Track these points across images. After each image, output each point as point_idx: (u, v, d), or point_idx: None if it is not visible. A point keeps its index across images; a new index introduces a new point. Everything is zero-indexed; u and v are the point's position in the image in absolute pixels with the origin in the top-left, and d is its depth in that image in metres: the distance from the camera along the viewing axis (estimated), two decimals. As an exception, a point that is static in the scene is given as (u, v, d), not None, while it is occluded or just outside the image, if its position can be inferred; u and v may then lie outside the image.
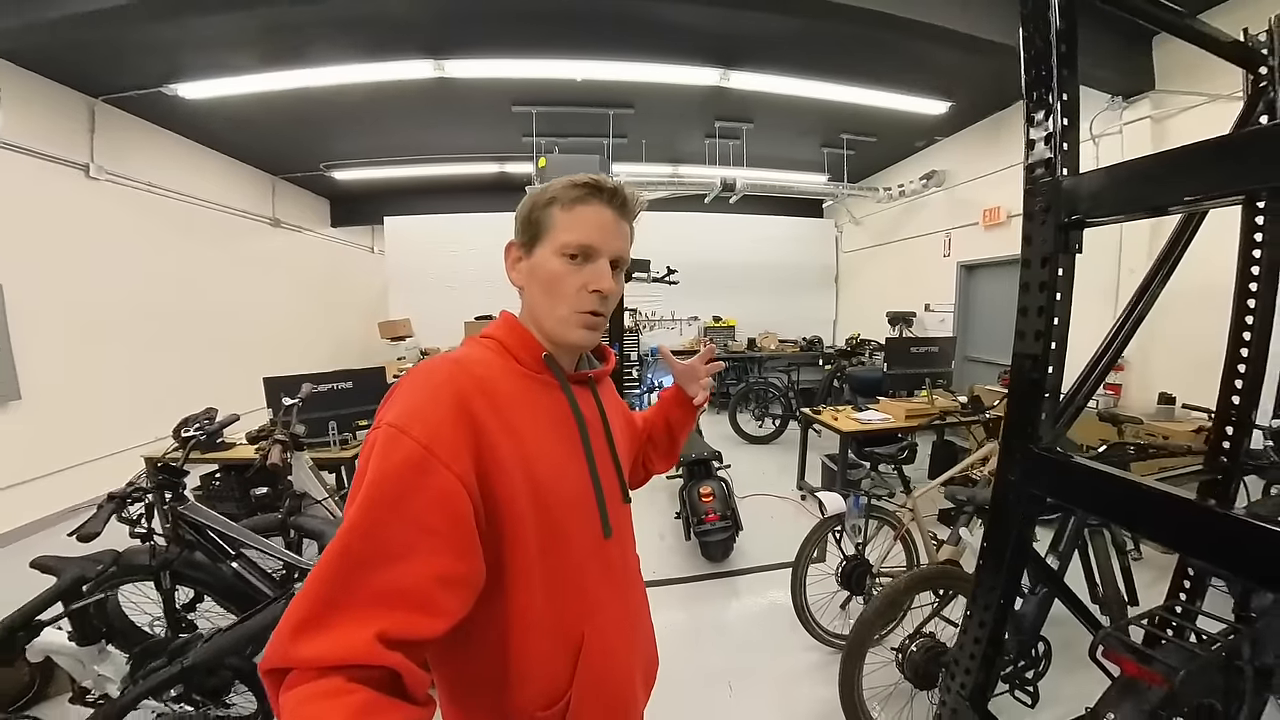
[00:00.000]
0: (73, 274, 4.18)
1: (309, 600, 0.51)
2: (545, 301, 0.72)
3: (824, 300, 8.23)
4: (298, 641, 0.49)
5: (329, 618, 0.50)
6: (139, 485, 1.73)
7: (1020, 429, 1.13)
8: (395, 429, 0.57)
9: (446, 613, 0.55)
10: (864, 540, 2.16)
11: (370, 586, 0.52)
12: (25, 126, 3.88)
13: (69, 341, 4.12)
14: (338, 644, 0.49)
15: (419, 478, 0.55)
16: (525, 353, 0.73)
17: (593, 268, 0.71)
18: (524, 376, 0.71)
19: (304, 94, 4.29)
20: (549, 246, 0.71)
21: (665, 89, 4.33)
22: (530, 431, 0.67)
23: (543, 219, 0.72)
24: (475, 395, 0.62)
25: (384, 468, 0.55)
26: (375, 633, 0.50)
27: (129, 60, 3.87)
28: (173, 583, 1.90)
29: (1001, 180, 5.08)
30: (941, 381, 3.80)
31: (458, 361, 0.67)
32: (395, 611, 0.52)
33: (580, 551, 0.71)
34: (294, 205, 7.27)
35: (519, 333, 0.75)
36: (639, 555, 0.91)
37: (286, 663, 0.49)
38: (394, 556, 0.53)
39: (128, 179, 4.70)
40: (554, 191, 0.71)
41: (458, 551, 0.57)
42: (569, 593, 0.69)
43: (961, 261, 5.72)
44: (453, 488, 0.56)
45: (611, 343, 4.66)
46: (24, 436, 3.76)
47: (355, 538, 0.53)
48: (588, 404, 0.78)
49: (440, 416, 0.59)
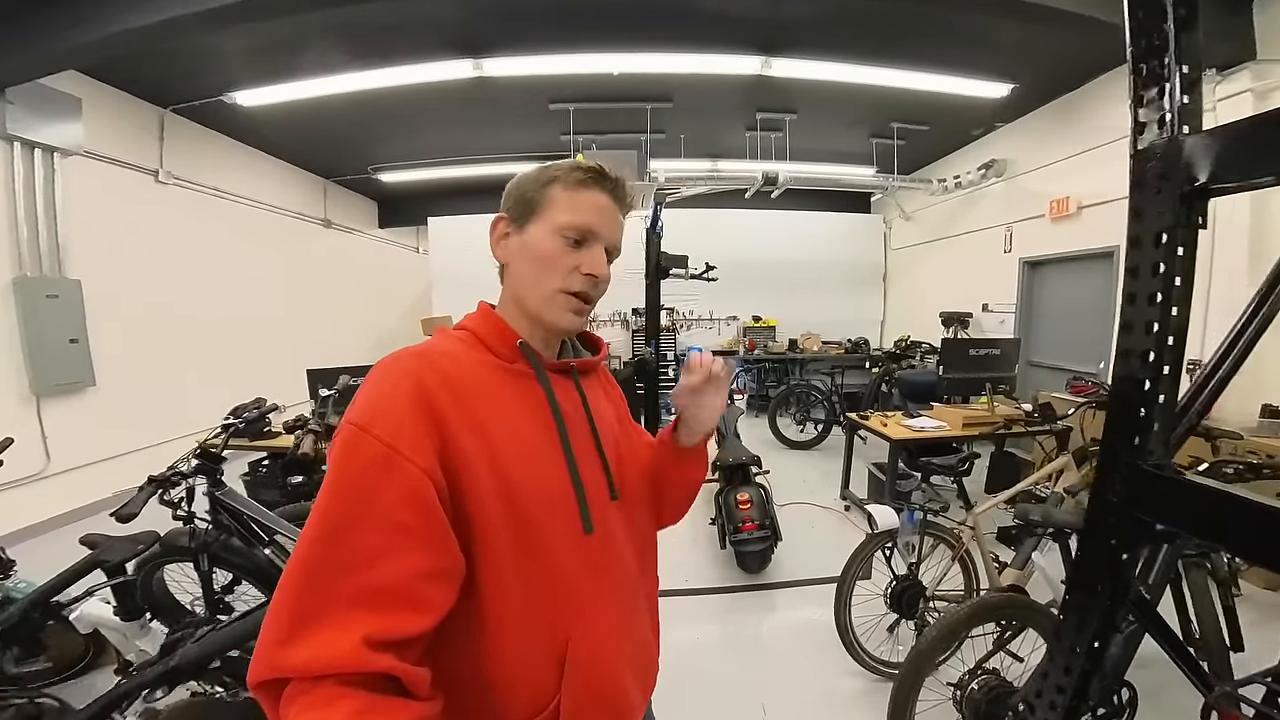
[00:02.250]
0: (143, 272, 4.50)
1: (286, 610, 0.50)
2: (532, 277, 0.70)
3: (870, 300, 7.84)
4: (284, 652, 0.49)
5: (309, 626, 0.49)
6: (179, 470, 1.77)
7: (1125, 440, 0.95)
8: (356, 427, 0.55)
9: (433, 606, 0.54)
10: (918, 560, 1.97)
11: (348, 590, 0.51)
12: (103, 136, 4.18)
13: (139, 334, 4.42)
14: (323, 652, 0.48)
15: (384, 475, 0.54)
16: (499, 341, 0.70)
17: (589, 252, 0.69)
18: (496, 368, 0.68)
19: (350, 99, 4.42)
20: (545, 225, 0.69)
21: (704, 80, 4.20)
22: (499, 425, 0.64)
23: (540, 197, 0.69)
24: (438, 389, 0.60)
25: (348, 468, 0.54)
26: (360, 638, 0.49)
27: (193, 71, 4.10)
28: (210, 565, 1.95)
29: (1071, 168, 4.66)
30: (1003, 387, 3.49)
31: (421, 355, 0.64)
32: (377, 613, 0.51)
33: (560, 550, 0.66)
34: (344, 207, 7.58)
35: (493, 321, 0.72)
36: (656, 557, 0.86)
37: (277, 673, 0.49)
38: (368, 558, 0.52)
39: (193, 183, 5.00)
40: (557, 171, 0.70)
41: (433, 545, 0.55)
42: (549, 593, 0.65)
43: (1025, 258, 5.29)
44: (419, 481, 0.55)
45: (647, 341, 4.57)
46: (98, 420, 4.06)
47: (326, 541, 0.52)
48: (567, 395, 0.74)
49: (402, 411, 0.57)
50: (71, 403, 3.91)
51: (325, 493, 0.54)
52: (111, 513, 1.60)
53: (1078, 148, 4.57)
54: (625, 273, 4.34)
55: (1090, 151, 4.46)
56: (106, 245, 4.19)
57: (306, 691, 0.47)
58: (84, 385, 3.98)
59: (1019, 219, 5.32)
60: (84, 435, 3.95)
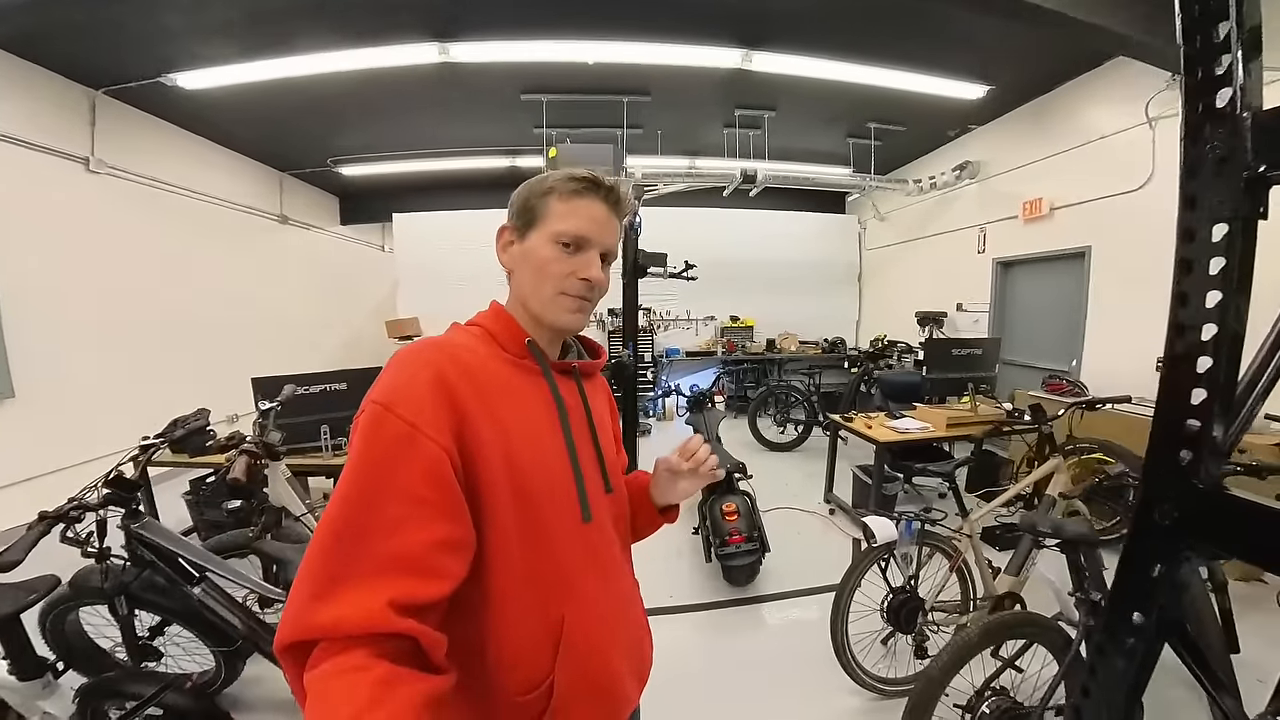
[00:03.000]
0: (72, 269, 4.07)
1: (314, 575, 0.54)
2: (534, 282, 0.74)
3: (846, 300, 7.88)
4: (313, 612, 0.51)
5: (337, 589, 0.52)
6: (81, 502, 1.52)
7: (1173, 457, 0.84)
8: (380, 406, 0.59)
9: (449, 574, 0.58)
10: (916, 572, 1.87)
11: (373, 556, 0.54)
12: (25, 118, 3.77)
13: (67, 339, 3.99)
14: (354, 612, 0.51)
15: (406, 450, 0.58)
16: (509, 339, 0.75)
17: (583, 257, 0.74)
18: (507, 362, 0.73)
19: (306, 83, 4.12)
20: (543, 233, 0.73)
21: (684, 73, 4.07)
22: (510, 414, 0.68)
23: (539, 206, 0.74)
24: (456, 377, 0.64)
25: (372, 444, 0.58)
26: (386, 600, 0.52)
27: (127, 49, 3.73)
28: (130, 607, 1.71)
29: (1044, 170, 4.73)
30: (984, 386, 3.47)
31: (440, 346, 0.68)
32: (401, 578, 0.54)
33: (560, 535, 0.71)
34: (302, 202, 7.15)
35: (504, 319, 0.77)
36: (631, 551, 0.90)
37: (307, 634, 0.51)
38: (391, 527, 0.55)
39: (130, 173, 4.58)
40: (553, 182, 0.74)
41: (451, 516, 0.59)
42: (548, 575, 0.69)
43: (998, 258, 5.36)
44: (438, 457, 0.59)
45: (625, 342, 4.41)
46: (18, 436, 3.64)
47: (351, 511, 0.56)
48: (570, 392, 0.79)
49: (422, 394, 0.61)
50: (-15, 416, 3.51)
51: (351, 467, 0.58)
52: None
53: (1051, 150, 4.64)
54: (602, 271, 4.21)
55: (1063, 154, 4.53)
56: (27, 240, 3.77)
57: (334, 655, 0.50)
58: (1, 397, 3.57)
59: (992, 220, 5.38)
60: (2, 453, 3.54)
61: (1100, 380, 4.02)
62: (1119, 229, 4.06)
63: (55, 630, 1.86)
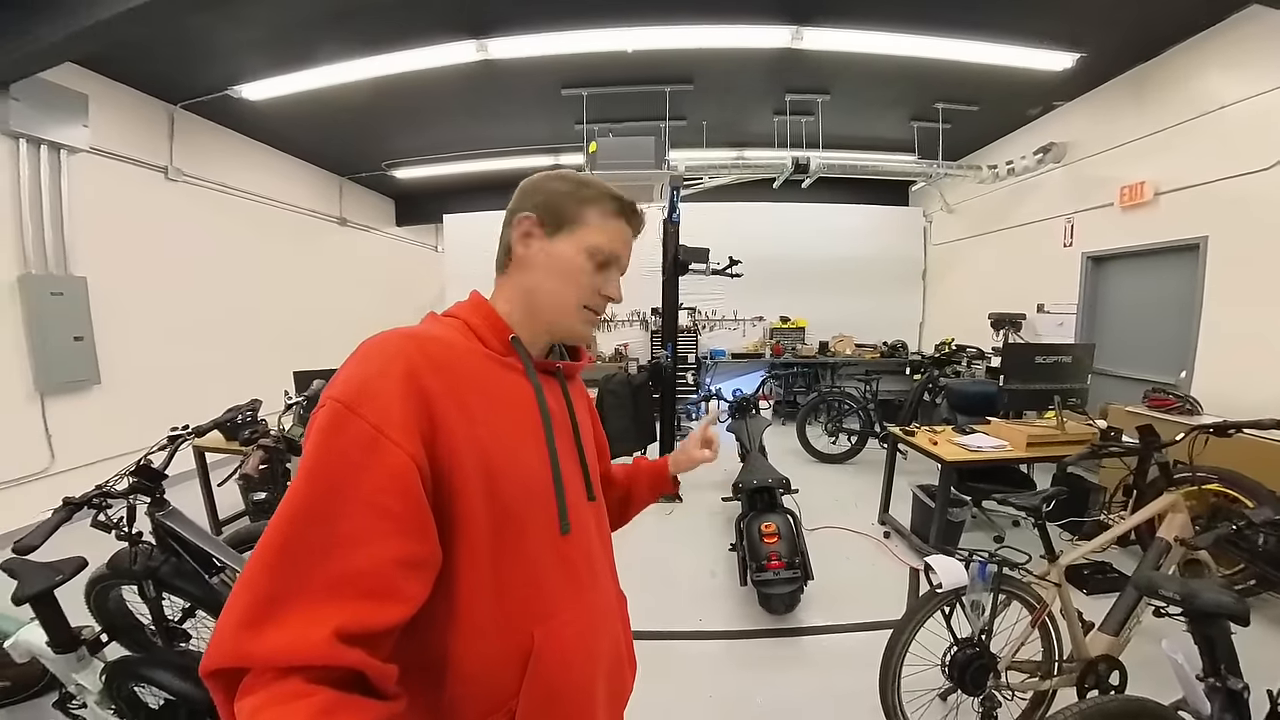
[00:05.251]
0: (151, 269, 4.42)
1: (252, 595, 0.48)
2: (556, 287, 0.72)
3: (909, 299, 7.29)
4: (246, 639, 0.46)
5: (277, 613, 0.46)
6: (106, 489, 1.55)
7: None
8: (341, 405, 0.53)
9: (408, 597, 0.53)
10: (989, 624, 1.58)
11: (322, 576, 0.48)
12: (112, 133, 4.12)
13: (146, 332, 4.34)
14: (293, 641, 0.45)
15: (368, 457, 0.52)
16: (491, 334, 0.70)
17: (608, 274, 0.74)
18: (486, 359, 0.68)
19: (357, 89, 4.26)
20: (576, 242, 0.71)
21: (728, 56, 3.83)
22: (487, 415, 0.63)
23: (575, 212, 0.72)
24: (429, 372, 0.59)
25: (329, 448, 0.52)
26: (333, 629, 0.46)
27: (198, 64, 3.99)
28: (158, 591, 1.75)
29: (1148, 149, 4.10)
30: (1074, 400, 3.01)
31: (413, 336, 0.63)
32: (351, 602, 0.48)
33: (535, 547, 0.66)
34: (360, 205, 7.48)
35: (485, 312, 0.72)
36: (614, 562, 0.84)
37: (236, 661, 0.46)
38: (347, 542, 0.50)
39: (203, 180, 4.92)
40: (592, 193, 0.73)
41: (415, 532, 0.54)
42: (520, 590, 0.64)
43: (1088, 252, 4.72)
44: (405, 466, 0.53)
45: (664, 343, 4.24)
46: (103, 418, 3.98)
47: (301, 523, 0.50)
48: (554, 394, 0.75)
49: (390, 392, 0.55)
50: (76, 401, 3.85)
51: (305, 471, 0.52)
52: (13, 545, 1.38)
53: (1156, 126, 4.01)
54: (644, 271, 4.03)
55: (1171, 129, 3.90)
56: (114, 243, 4.13)
57: (267, 684, 0.45)
58: (89, 383, 3.93)
59: (1081, 209, 4.75)
60: (89, 433, 3.87)
61: (1217, 395, 3.41)
62: (1243, 216, 3.42)
63: (100, 605, 1.94)
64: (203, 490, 3.33)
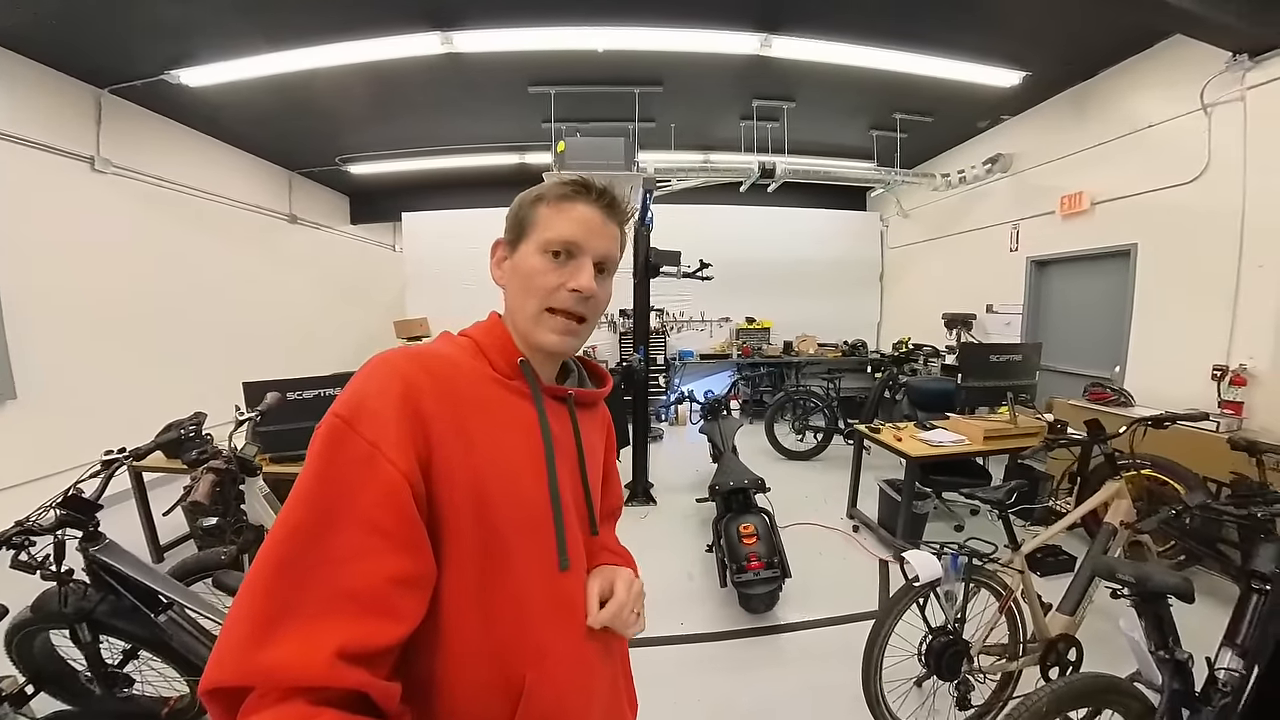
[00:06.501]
0: (77, 270, 4.02)
1: (254, 612, 0.47)
2: (520, 298, 0.69)
3: (867, 301, 7.58)
4: (249, 656, 0.45)
5: (279, 631, 0.46)
6: (27, 526, 1.38)
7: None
8: (342, 421, 0.54)
9: (406, 616, 0.53)
10: (961, 613, 1.65)
11: (322, 593, 0.48)
12: (29, 117, 3.73)
13: (70, 340, 3.94)
14: (296, 660, 0.45)
15: (365, 473, 0.52)
16: (500, 356, 0.69)
17: (574, 265, 0.68)
18: (494, 382, 0.67)
19: (309, 79, 4.03)
20: (532, 243, 0.69)
21: (698, 60, 3.85)
22: (486, 440, 0.61)
23: (529, 216, 0.70)
24: (428, 394, 0.58)
25: (328, 464, 0.53)
26: (334, 649, 0.46)
27: (131, 46, 3.67)
28: (94, 634, 1.58)
29: (1085, 162, 4.41)
30: (1024, 396, 3.20)
31: (415, 357, 0.62)
32: (353, 619, 0.48)
33: (528, 582, 0.63)
34: (312, 201, 7.09)
35: (498, 334, 0.71)
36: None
37: (241, 680, 0.45)
38: (345, 559, 0.49)
39: (136, 172, 4.53)
40: (542, 189, 0.70)
41: (410, 550, 0.53)
42: (509, 630, 0.61)
43: (1032, 256, 5.04)
44: (399, 483, 0.53)
45: (636, 347, 4.23)
46: (19, 438, 3.59)
47: (300, 539, 0.50)
48: (560, 422, 0.72)
49: (387, 411, 0.55)
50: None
51: (303, 485, 0.52)
52: None
53: (1092, 140, 4.32)
54: (613, 272, 4.02)
55: (1106, 144, 4.21)
56: (33, 241, 3.73)
57: (272, 705, 0.44)
58: (2, 399, 3.52)
59: (1026, 216, 5.07)
60: (2, 456, 3.49)
61: (1147, 389, 3.72)
62: (1169, 225, 3.74)
63: (23, 652, 1.74)
64: (140, 514, 3.06)
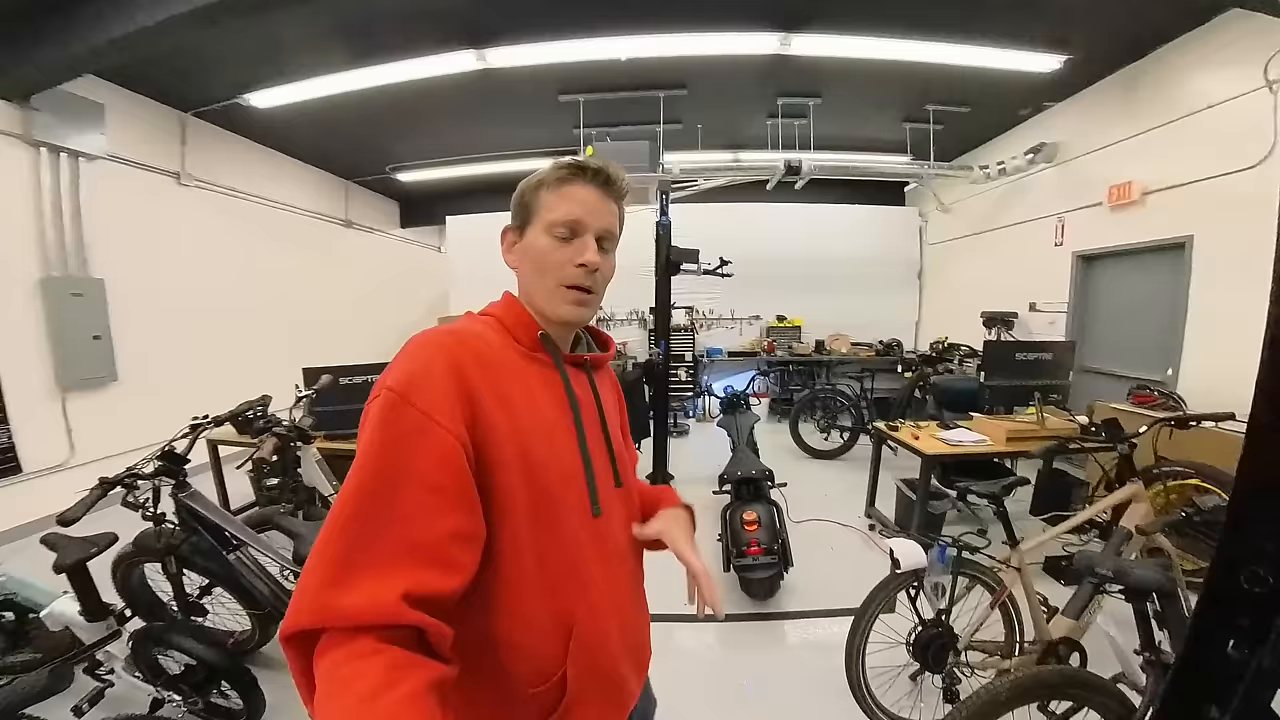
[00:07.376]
0: (165, 271, 4.60)
1: (329, 561, 0.53)
2: (535, 278, 0.76)
3: (905, 299, 7.36)
4: (328, 599, 0.51)
5: (352, 577, 0.52)
6: (136, 472, 1.69)
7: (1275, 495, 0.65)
8: (395, 394, 0.59)
9: (462, 567, 0.58)
10: (949, 605, 1.68)
11: (388, 545, 0.54)
12: (127, 140, 4.28)
13: (160, 331, 4.52)
14: (368, 601, 0.50)
15: (420, 440, 0.57)
16: (522, 331, 0.75)
17: (579, 242, 0.74)
18: (519, 354, 0.73)
19: (361, 97, 4.39)
20: (538, 226, 0.75)
21: (720, 63, 3.93)
22: (523, 405, 0.68)
23: (532, 202, 0.76)
24: (470, 365, 0.64)
25: (386, 432, 0.58)
26: (400, 592, 0.51)
27: (208, 74, 4.14)
28: (179, 567, 1.89)
29: (1135, 149, 4.15)
30: (1055, 397, 3.09)
31: (453, 333, 0.69)
32: (415, 569, 0.54)
33: (571, 527, 0.71)
34: (365, 207, 7.65)
35: (517, 311, 0.77)
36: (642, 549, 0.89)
37: (320, 620, 0.50)
38: (407, 516, 0.55)
39: (214, 185, 5.08)
40: (542, 175, 0.76)
41: (464, 507, 0.59)
42: (560, 568, 0.69)
43: (1078, 251, 4.78)
44: (453, 447, 0.59)
45: (656, 341, 4.35)
46: (120, 414, 4.15)
47: (366, 498, 0.55)
48: (582, 386, 0.80)
49: (435, 382, 0.61)
50: (95, 397, 4.02)
51: (365, 453, 0.57)
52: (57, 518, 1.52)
53: (1142, 126, 4.07)
54: (640, 271, 4.14)
55: (1158, 129, 3.96)
56: (130, 246, 4.29)
57: (343, 643, 0.49)
58: (107, 380, 4.10)
59: (1072, 208, 4.81)
60: (106, 428, 4.04)
61: (1203, 394, 3.47)
62: (1229, 215, 3.48)
63: (124, 581, 2.08)
64: (215, 481, 3.48)
